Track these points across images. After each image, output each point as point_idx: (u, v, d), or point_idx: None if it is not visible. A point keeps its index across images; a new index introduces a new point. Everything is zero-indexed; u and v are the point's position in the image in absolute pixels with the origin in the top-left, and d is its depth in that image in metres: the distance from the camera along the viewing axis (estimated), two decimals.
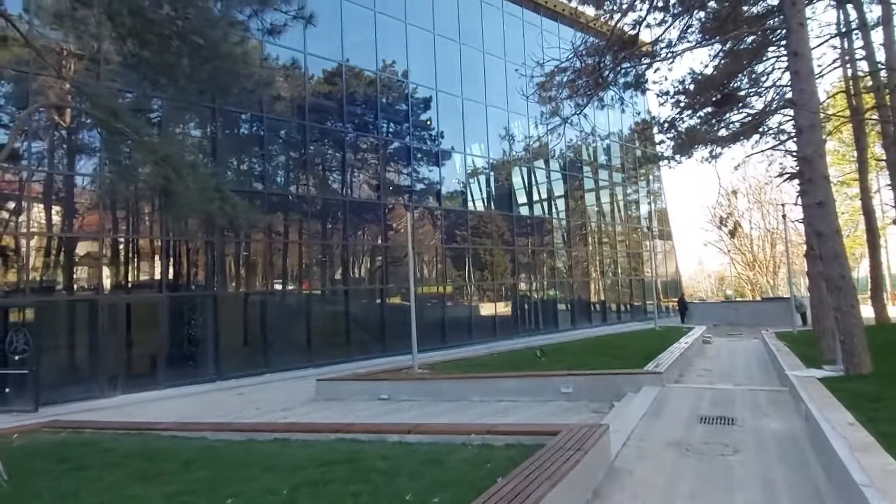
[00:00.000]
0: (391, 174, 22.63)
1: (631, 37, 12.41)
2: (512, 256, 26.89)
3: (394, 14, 22.09)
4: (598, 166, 34.13)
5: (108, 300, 14.63)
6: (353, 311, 20.30)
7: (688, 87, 14.62)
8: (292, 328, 18.45)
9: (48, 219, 14.41)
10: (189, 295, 16.42)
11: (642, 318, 33.03)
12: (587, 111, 13.34)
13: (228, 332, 16.82)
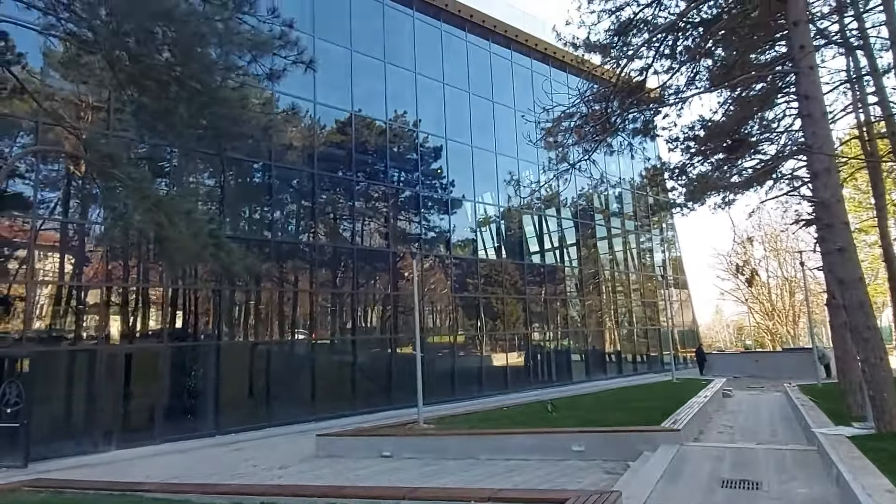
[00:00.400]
0: (401, 223, 22.50)
1: (638, 83, 12.31)
2: (524, 305, 26.38)
3: (403, 65, 22.40)
4: (610, 214, 33.87)
5: (108, 350, 14.33)
6: (360, 361, 19.81)
7: (697, 133, 14.43)
8: (296, 379, 17.96)
9: (47, 267, 14.29)
10: (191, 345, 16.09)
11: (659, 370, 32.02)
12: (597, 157, 13.16)
13: (230, 383, 16.39)
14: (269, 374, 17.28)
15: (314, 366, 18.34)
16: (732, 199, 17.59)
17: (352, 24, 20.70)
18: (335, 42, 20.08)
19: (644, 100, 13.03)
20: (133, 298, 15.42)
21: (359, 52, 20.72)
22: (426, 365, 21.10)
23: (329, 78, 20.01)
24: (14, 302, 13.42)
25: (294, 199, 19.46)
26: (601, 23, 12.39)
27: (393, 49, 21.99)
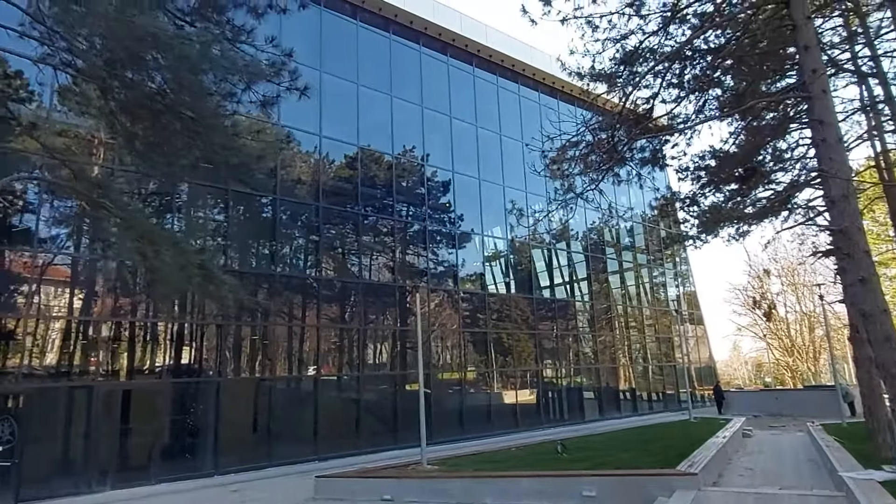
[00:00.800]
0: (409, 257, 22.19)
1: (645, 111, 12.07)
2: (535, 341, 25.77)
3: (410, 98, 22.44)
4: (622, 248, 33.39)
5: (105, 387, 13.99)
6: (366, 399, 19.30)
7: (708, 162, 14.11)
8: (299, 417, 17.46)
9: (44, 302, 14.06)
10: (191, 382, 15.72)
11: (676, 408, 31.05)
12: (605, 188, 12.85)
13: (230, 421, 15.91)
14: (271, 411, 16.81)
15: (317, 403, 17.83)
16: (746, 230, 17.15)
17: (359, 59, 20.82)
18: (342, 76, 20.19)
19: (651, 129, 12.75)
20: (131, 334, 15.14)
21: (365, 85, 20.80)
22: (433, 403, 20.60)
23: (336, 111, 20.07)
24: (10, 337, 13.20)
25: (299, 232, 19.29)
26: (606, 51, 12.23)
27: (400, 83, 22.07)
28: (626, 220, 32.79)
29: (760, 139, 14.71)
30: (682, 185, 14.53)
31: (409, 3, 21.96)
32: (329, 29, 20.29)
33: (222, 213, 17.46)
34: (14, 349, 13.09)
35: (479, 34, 24.50)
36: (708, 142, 52.29)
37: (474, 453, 15.67)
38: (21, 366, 12.94)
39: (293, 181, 18.73)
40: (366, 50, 21.25)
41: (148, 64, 7.20)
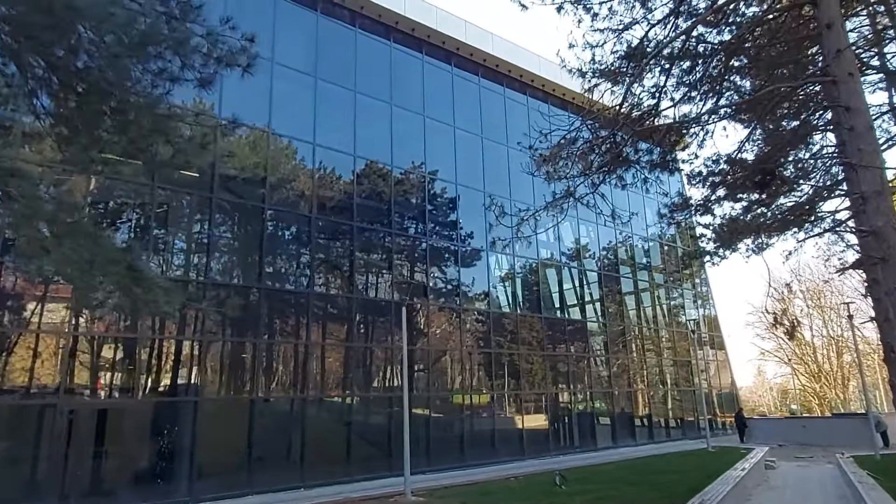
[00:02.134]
0: (406, 272, 21.16)
1: (651, 107, 10.99)
2: (544, 363, 24.44)
3: (411, 108, 21.63)
4: (637, 267, 31.97)
5: (70, 404, 13.05)
6: (358, 421, 18.16)
7: (722, 167, 12.91)
8: (284, 441, 16.37)
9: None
10: (167, 401, 14.76)
11: (695, 436, 29.24)
12: (612, 195, 11.75)
13: (209, 444, 14.83)
14: (253, 434, 15.69)
15: (304, 426, 16.72)
16: (766, 243, 15.87)
17: (357, 66, 20.09)
18: (339, 84, 19.46)
19: (659, 128, 11.65)
20: (100, 349, 14.24)
21: (364, 93, 20.02)
22: (432, 427, 19.37)
23: (333, 120, 19.32)
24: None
25: (289, 244, 18.42)
26: (607, 43, 11.22)
27: (401, 92, 21.28)
28: (638, 236, 31.50)
29: (780, 144, 13.53)
30: (694, 192, 13.33)
31: (412, 10, 21.26)
32: (326, 36, 19.63)
33: (206, 222, 16.66)
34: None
35: (484, 43, 23.70)
36: (722, 145, 48.86)
37: (470, 483, 14.47)
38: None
39: (282, 190, 17.89)
40: (365, 58, 20.52)
41: (72, 36, 6.36)
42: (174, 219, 16.22)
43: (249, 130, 17.17)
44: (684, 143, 12.87)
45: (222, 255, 16.86)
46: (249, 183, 17.08)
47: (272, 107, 17.59)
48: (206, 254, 16.02)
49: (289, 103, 18.42)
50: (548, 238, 26.81)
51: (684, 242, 32.57)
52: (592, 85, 11.74)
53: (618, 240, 30.72)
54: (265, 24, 18.15)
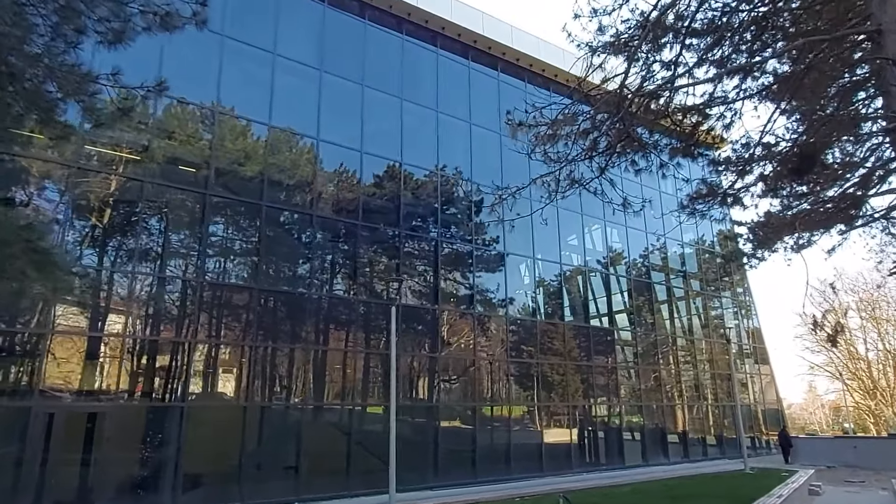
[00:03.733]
0: (415, 276, 20.08)
1: (666, 80, 9.65)
2: (568, 373, 22.93)
3: (425, 103, 20.67)
4: (674, 274, 30.09)
5: (43, 407, 12.36)
6: (361, 430, 17.11)
7: (754, 152, 11.38)
8: (279, 451, 15.41)
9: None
10: (151, 406, 13.98)
11: (735, 455, 27.06)
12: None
13: (196, 452, 13.97)
14: (245, 442, 14.79)
15: (300, 434, 15.72)
16: (808, 240, 14.20)
17: (366, 59, 19.24)
18: (347, 77, 18.63)
19: (676, 110, 10.30)
20: (78, 348, 13.54)
21: (372, 87, 19.11)
22: (441, 440, 18.11)
23: (338, 113, 18.48)
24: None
25: (286, 245, 17.56)
26: (615, 11, 9.96)
27: (413, 86, 20.32)
28: (674, 241, 29.70)
29: (821, 125, 11.93)
30: (722, 180, 11.82)
31: (424, 1, 20.30)
32: (332, 27, 18.85)
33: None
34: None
35: (503, 35, 22.56)
36: (752, 125, 45.20)
37: (471, 503, 13.18)
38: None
39: (281, 187, 17.06)
40: (374, 50, 19.67)
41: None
42: (175, 219, 15.56)
43: (247, 123, 16.44)
44: (708, 125, 11.42)
45: (216, 254, 16.09)
46: (246, 180, 16.32)
47: (273, 100, 16.85)
48: (197, 253, 15.29)
49: (291, 97, 17.66)
50: (580, 243, 25.43)
51: (723, 248, 30.62)
52: (598, 63, 10.44)
53: (653, 245, 29.04)
54: (268, 16, 17.51)
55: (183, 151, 15.46)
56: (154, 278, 14.52)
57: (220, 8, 16.69)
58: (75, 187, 13.56)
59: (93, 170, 13.96)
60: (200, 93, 15.85)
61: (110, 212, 14.24)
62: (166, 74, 14.91)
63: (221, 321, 15.91)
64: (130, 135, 14.14)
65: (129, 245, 14.17)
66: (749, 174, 11.47)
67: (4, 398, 12.33)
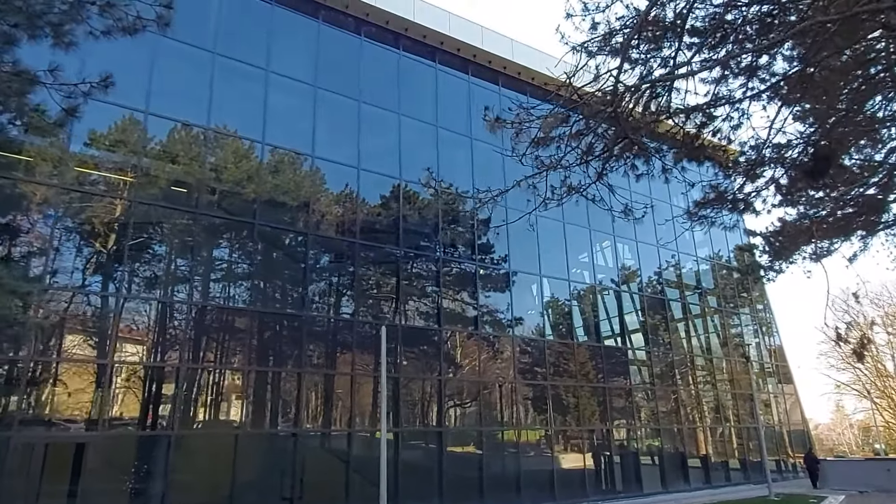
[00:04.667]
0: (421, 299, 19.43)
1: (665, 76, 9.02)
2: (581, 395, 21.97)
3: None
4: (691, 291, 29.07)
5: (20, 438, 11.78)
6: (361, 456, 16.31)
7: (764, 153, 10.66)
8: (273, 480, 14.66)
9: None
10: (135, 435, 13.36)
11: (760, 480, 25.69)
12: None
13: (185, 484, 13.27)
14: (236, 473, 14.04)
15: (294, 463, 14.99)
16: (827, 249, 13.37)
17: (361, 75, 18.89)
18: (344, 94, 18.27)
19: (677, 111, 9.65)
20: (54, 373, 12.97)
21: (369, 103, 18.72)
22: (445, 466, 17.24)
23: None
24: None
25: (281, 265, 17.04)
26: (609, 7, 9.40)
27: (411, 102, 19.93)
28: (690, 257, 28.77)
29: (837, 125, 11.20)
30: (731, 182, 11.07)
31: (422, 16, 19.98)
32: (328, 45, 18.56)
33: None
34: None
35: (503, 49, 22.14)
36: (759, 124, 42.82)
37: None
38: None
39: (276, 207, 16.60)
40: (370, 67, 19.33)
41: None
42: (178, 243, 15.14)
43: (245, 142, 16.07)
44: (714, 126, 10.73)
45: (199, 277, 15.59)
46: (240, 199, 15.89)
47: (266, 117, 16.48)
48: (190, 275, 14.81)
49: (285, 114, 17.29)
50: (590, 260, 24.66)
51: (739, 262, 29.65)
52: (594, 64, 9.82)
53: (667, 262, 28.13)
54: (262, 33, 17.26)
55: (173, 172, 15.08)
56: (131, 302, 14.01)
57: (213, 26, 16.51)
58: (66, 211, 13.22)
59: (78, 190, 13.59)
60: (194, 112, 15.53)
61: (102, 234, 13.82)
62: (158, 92, 14.72)
63: (211, 345, 15.34)
64: (124, 157, 13.91)
65: (119, 269, 13.70)
66: (760, 178, 10.73)
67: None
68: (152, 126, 14.84)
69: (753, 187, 10.71)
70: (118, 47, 14.76)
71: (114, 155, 14.24)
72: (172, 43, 14.60)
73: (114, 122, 14.41)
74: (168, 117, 15.08)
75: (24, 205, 12.95)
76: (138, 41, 14.68)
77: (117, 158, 14.30)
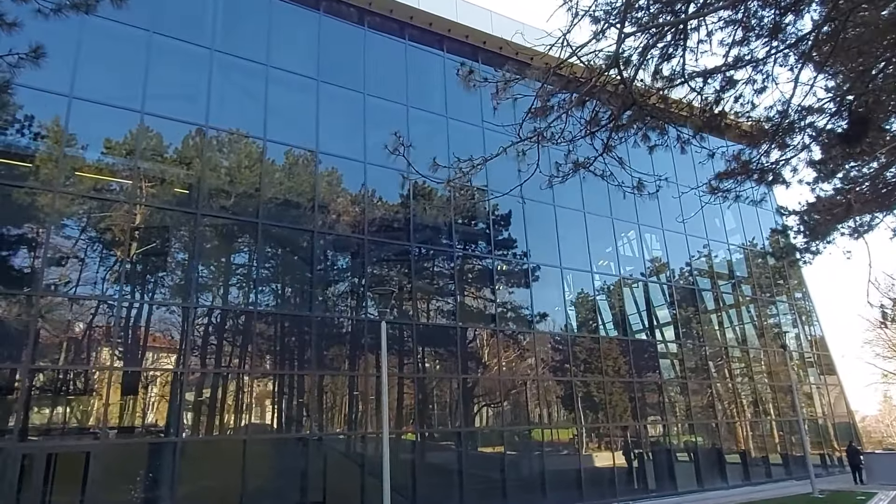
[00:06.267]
0: (439, 296, 18.76)
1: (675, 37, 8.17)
2: (610, 391, 21.02)
3: (433, 109, 19.61)
4: (726, 280, 27.76)
5: (24, 449, 11.47)
6: (375, 462, 15.71)
7: (792, 119, 9.68)
8: (283, 486, 14.14)
9: None
10: (140, 443, 12.98)
11: (803, 475, 24.27)
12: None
13: (192, 495, 12.83)
14: (246, 478, 13.54)
15: (307, 467, 14.47)
16: (868, 224, 12.31)
17: (366, 67, 18.33)
18: (347, 86, 17.75)
19: (693, 75, 8.78)
20: (62, 382, 12.69)
21: (374, 95, 18.13)
22: (465, 467, 16.54)
23: (339, 125, 17.57)
24: None
25: (288, 265, 16.55)
26: None
27: (419, 93, 19.29)
28: (723, 244, 27.50)
29: (870, 89, 10.15)
30: (757, 151, 10.08)
31: (427, 3, 19.31)
32: (330, 36, 18.05)
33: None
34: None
35: (513, 34, 21.29)
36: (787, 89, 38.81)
37: None
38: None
39: (280, 204, 16.13)
40: (375, 57, 18.75)
41: None
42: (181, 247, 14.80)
43: (245, 139, 15.65)
44: (735, 91, 9.81)
45: (210, 281, 15.21)
46: (243, 197, 15.46)
47: (267, 113, 16.03)
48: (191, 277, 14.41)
49: (286, 109, 16.82)
50: (617, 252, 23.69)
51: (773, 247, 28.28)
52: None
53: (699, 252, 26.90)
54: (261, 27, 16.83)
55: (187, 177, 14.78)
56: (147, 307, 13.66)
57: (211, 22, 16.15)
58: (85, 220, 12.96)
59: (92, 197, 13.29)
60: (193, 110, 15.16)
61: (122, 242, 13.51)
62: (156, 93, 14.38)
63: (227, 350, 14.94)
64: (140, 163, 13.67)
65: (139, 276, 13.36)
66: (789, 147, 9.76)
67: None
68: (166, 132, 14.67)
69: (783, 155, 9.71)
70: (120, 51, 14.61)
71: (129, 161, 13.94)
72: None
73: (128, 131, 14.15)
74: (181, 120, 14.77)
75: (37, 215, 12.75)
76: (136, 42, 14.51)
77: (133, 164, 13.97)
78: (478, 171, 7.80)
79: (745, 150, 9.88)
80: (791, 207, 14.71)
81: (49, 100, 12.73)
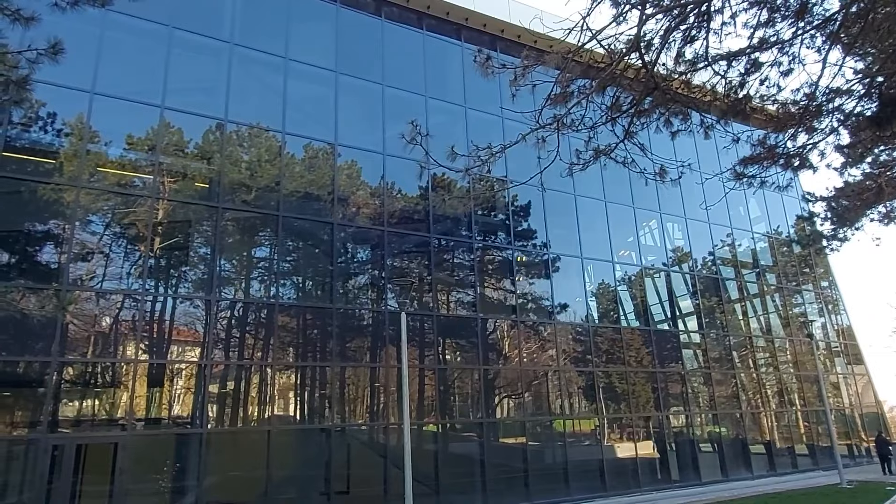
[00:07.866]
0: (460, 287, 18.74)
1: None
2: (633, 381, 20.86)
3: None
4: (751, 270, 27.31)
5: (54, 440, 11.72)
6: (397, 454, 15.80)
7: (820, 101, 9.44)
8: (310, 477, 14.28)
9: None
10: (166, 433, 13.17)
11: (830, 466, 23.88)
12: None
13: (218, 485, 13.02)
14: (270, 470, 13.70)
15: (330, 458, 14.58)
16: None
17: (384, 58, 18.28)
18: (366, 78, 17.72)
19: (717, 58, 8.58)
20: (90, 374, 12.92)
21: (393, 86, 18.09)
22: (488, 456, 16.55)
23: (358, 117, 17.57)
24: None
25: (310, 257, 16.63)
26: None
27: (437, 83, 19.19)
28: (747, 233, 27.03)
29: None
30: (783, 136, 9.84)
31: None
32: (347, 28, 18.02)
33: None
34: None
35: (533, 23, 21.05)
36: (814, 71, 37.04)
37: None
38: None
39: (300, 196, 16.19)
40: (393, 48, 18.69)
41: None
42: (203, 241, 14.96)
43: (261, 132, 15.72)
44: (761, 74, 9.57)
45: (232, 268, 15.33)
46: (264, 191, 15.55)
47: (286, 106, 16.08)
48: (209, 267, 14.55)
49: (305, 102, 16.87)
50: (638, 241, 23.44)
51: (799, 234, 27.78)
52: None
53: (722, 241, 26.47)
54: (279, 20, 16.86)
55: (209, 172, 14.91)
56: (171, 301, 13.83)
57: (230, 18, 16.22)
58: (110, 215, 13.15)
59: (115, 192, 13.48)
60: (213, 105, 15.26)
61: (145, 237, 13.69)
62: (176, 88, 14.49)
63: (249, 342, 15.09)
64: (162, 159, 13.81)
65: (164, 270, 13.53)
66: (816, 130, 9.51)
67: (11, 432, 11.77)
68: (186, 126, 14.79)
69: (809, 139, 9.47)
70: (140, 46, 14.75)
71: (151, 156, 14.10)
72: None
73: (150, 126, 14.27)
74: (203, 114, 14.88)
75: (62, 211, 12.95)
76: (156, 37, 14.64)
77: (154, 160, 14.11)
78: (497, 158, 7.65)
79: (770, 134, 9.65)
80: (818, 194, 14.41)
81: (72, 96, 12.92)
